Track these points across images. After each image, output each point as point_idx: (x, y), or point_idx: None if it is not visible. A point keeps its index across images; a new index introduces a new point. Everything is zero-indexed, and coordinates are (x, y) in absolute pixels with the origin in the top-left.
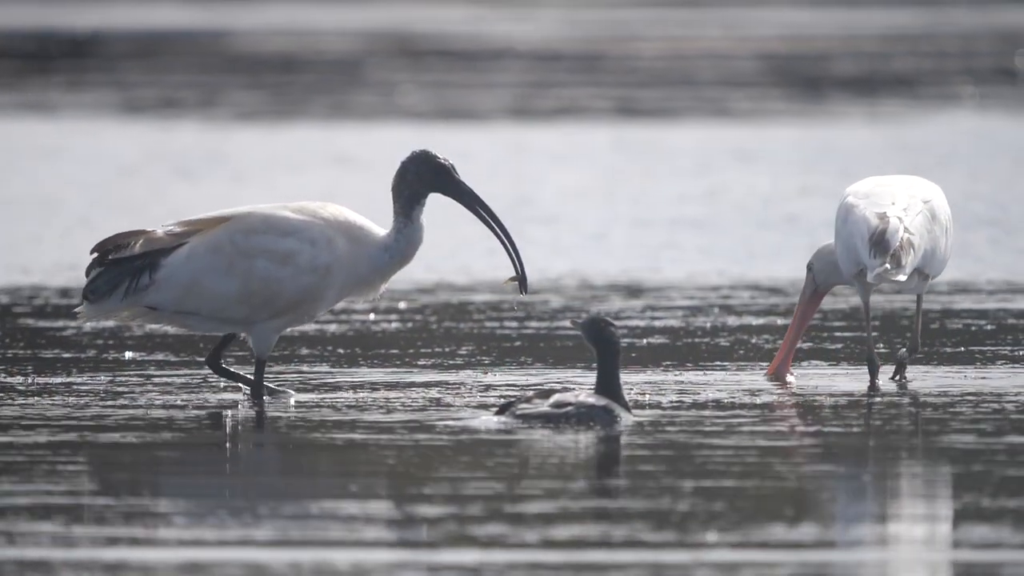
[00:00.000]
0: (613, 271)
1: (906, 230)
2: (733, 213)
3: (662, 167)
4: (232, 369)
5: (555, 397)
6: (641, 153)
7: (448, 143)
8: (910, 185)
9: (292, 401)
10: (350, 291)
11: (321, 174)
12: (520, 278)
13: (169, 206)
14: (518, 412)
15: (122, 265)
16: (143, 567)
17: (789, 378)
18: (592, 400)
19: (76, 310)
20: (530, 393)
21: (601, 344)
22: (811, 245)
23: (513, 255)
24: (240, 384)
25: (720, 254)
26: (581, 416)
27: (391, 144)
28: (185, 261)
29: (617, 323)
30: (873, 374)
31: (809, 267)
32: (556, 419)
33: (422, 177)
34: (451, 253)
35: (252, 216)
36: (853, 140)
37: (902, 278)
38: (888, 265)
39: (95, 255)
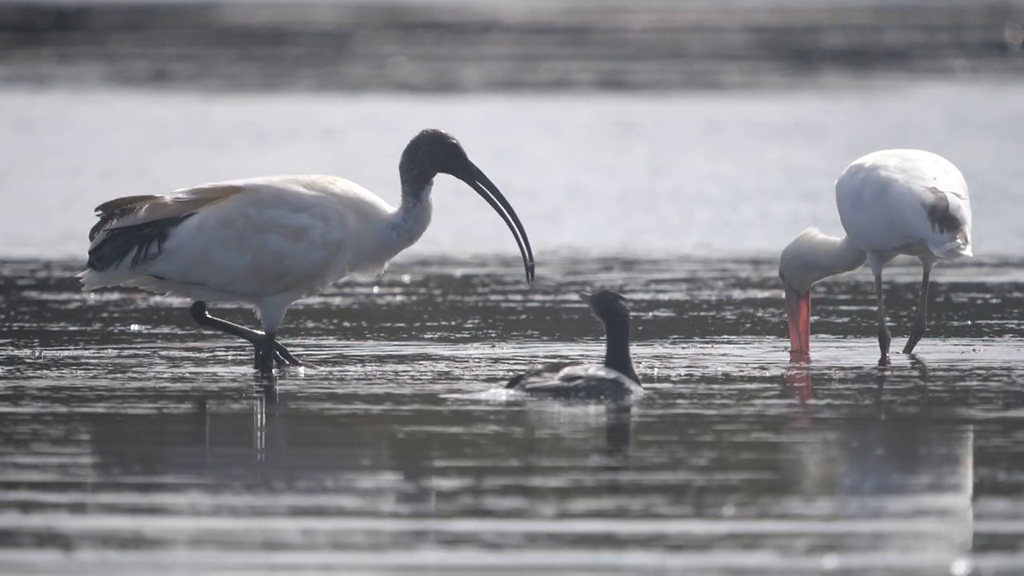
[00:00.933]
0: (610, 244)
1: (967, 207)
2: (730, 186)
3: (656, 140)
4: (219, 319)
5: (565, 370)
6: (633, 126)
7: (440, 116)
8: (935, 160)
9: (302, 371)
10: (357, 267)
11: (313, 146)
12: (527, 265)
13: (163, 176)
14: (528, 386)
15: (129, 233)
16: (159, 536)
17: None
18: (602, 373)
19: (79, 276)
20: (540, 366)
21: (611, 317)
22: (811, 217)
23: (521, 240)
24: (232, 333)
25: (718, 227)
26: (591, 389)
27: (384, 116)
28: (196, 232)
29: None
30: (884, 347)
31: (781, 275)
32: (567, 392)
33: (432, 156)
34: (454, 226)
35: (264, 190)
36: (847, 113)
37: (970, 254)
38: (959, 240)
39: (100, 214)
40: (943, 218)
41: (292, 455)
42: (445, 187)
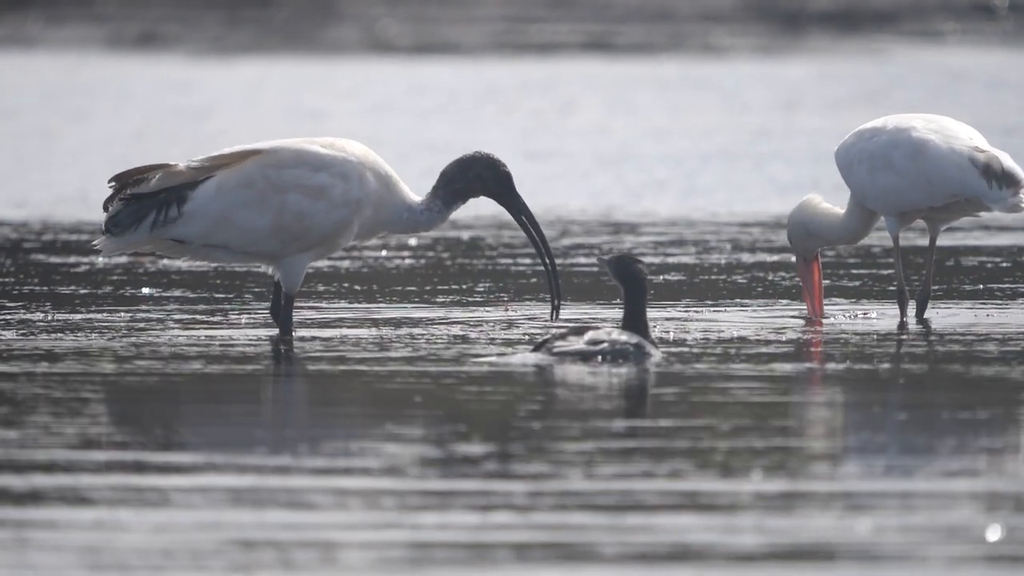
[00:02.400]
0: (611, 207)
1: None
2: (728, 149)
3: (653, 102)
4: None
5: (589, 334)
6: (629, 87)
7: (432, 77)
8: (956, 122)
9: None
10: (368, 231)
11: (309, 107)
12: (554, 305)
13: (162, 141)
14: (555, 350)
15: (145, 199)
16: (183, 491)
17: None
18: (625, 337)
19: (95, 243)
20: (563, 330)
21: (629, 281)
22: (810, 180)
23: (553, 279)
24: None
25: (722, 190)
26: (616, 353)
27: (376, 78)
28: (215, 194)
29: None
30: (903, 307)
31: (789, 239)
32: (591, 356)
33: (484, 180)
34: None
35: (283, 150)
36: (840, 75)
37: None
38: (1022, 195)
39: (113, 186)
40: (999, 174)
41: (314, 418)
42: (443, 147)
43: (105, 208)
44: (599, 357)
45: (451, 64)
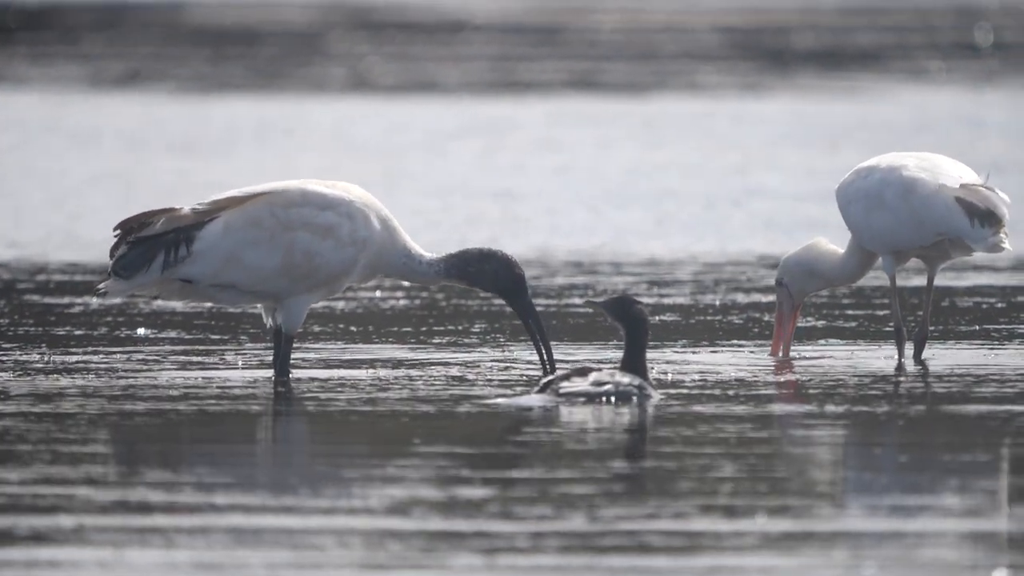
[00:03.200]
0: (602, 245)
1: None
2: (716, 188)
3: (639, 140)
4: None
5: (593, 376)
6: (616, 127)
7: (417, 116)
8: (951, 161)
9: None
10: (367, 274)
11: (298, 146)
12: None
13: (155, 180)
14: (561, 391)
15: (152, 241)
16: (186, 531)
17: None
18: (628, 379)
19: (100, 287)
20: (566, 371)
21: (631, 322)
22: (799, 220)
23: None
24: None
25: (711, 230)
26: (620, 395)
27: (364, 117)
28: (223, 234)
29: None
30: (901, 345)
31: (779, 282)
32: (596, 397)
33: (497, 277)
34: (449, 226)
35: (289, 191)
36: (828, 114)
37: (1010, 247)
38: (1002, 234)
39: (118, 233)
40: (981, 213)
41: (315, 459)
42: (431, 189)
43: (112, 254)
44: (603, 398)
45: (436, 102)
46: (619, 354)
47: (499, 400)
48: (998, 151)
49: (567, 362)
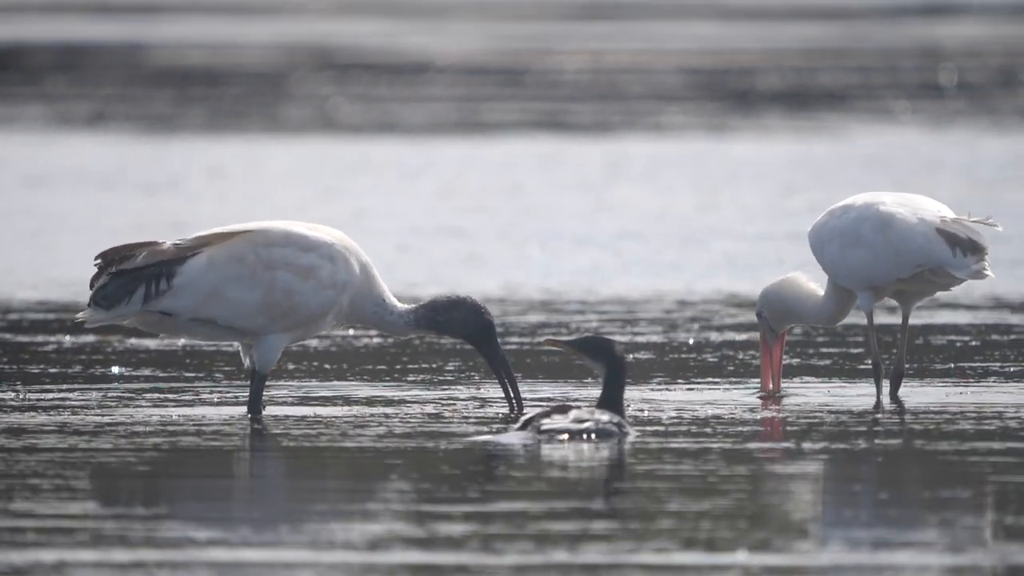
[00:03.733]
0: (571, 286)
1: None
2: (681, 227)
3: (603, 180)
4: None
5: (573, 413)
6: (580, 166)
7: (387, 156)
8: (926, 197)
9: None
10: (343, 319)
11: (263, 186)
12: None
13: (120, 221)
14: (543, 428)
15: (133, 273)
16: (167, 565)
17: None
18: (607, 416)
19: (79, 316)
20: (546, 409)
21: (610, 361)
22: (766, 259)
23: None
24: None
25: (677, 269)
26: (600, 432)
27: (328, 157)
28: (205, 269)
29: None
30: (879, 378)
31: (759, 315)
32: (578, 435)
33: (465, 324)
34: (424, 264)
35: (272, 231)
36: (793, 154)
37: (993, 275)
38: (985, 262)
39: (98, 264)
40: (963, 243)
41: (294, 495)
42: (396, 228)
43: (91, 285)
44: (584, 436)
45: (401, 142)
46: (591, 392)
47: (481, 437)
48: (962, 191)
49: (540, 401)
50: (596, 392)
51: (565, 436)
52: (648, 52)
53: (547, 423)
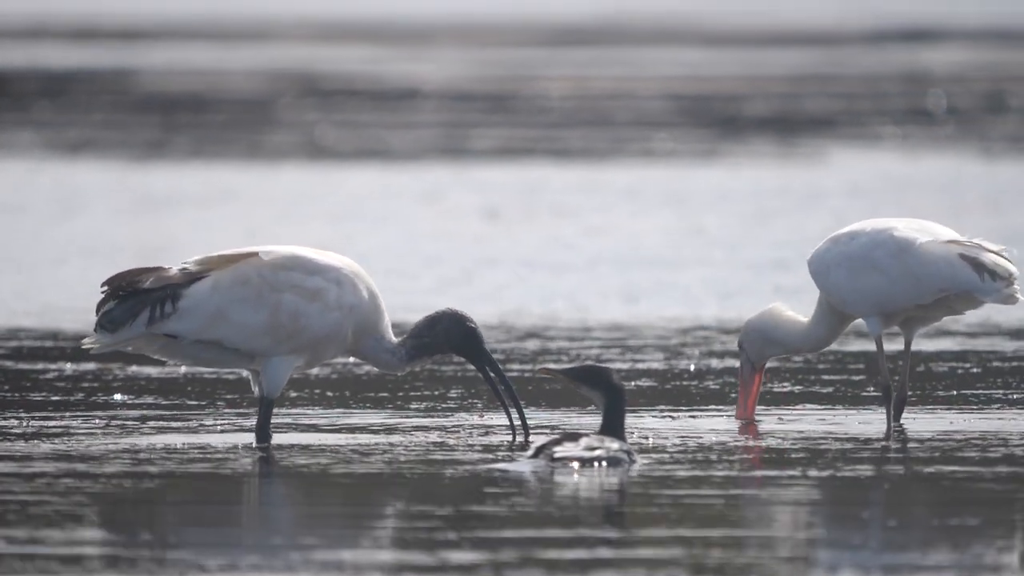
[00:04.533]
0: (565, 313)
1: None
2: (684, 252)
3: (594, 206)
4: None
5: (583, 441)
6: (580, 193)
7: (375, 183)
8: (936, 224)
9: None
10: (349, 347)
11: (252, 212)
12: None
13: (114, 247)
14: (556, 455)
15: (139, 296)
16: None
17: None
18: (616, 444)
19: (85, 341)
20: (556, 436)
21: (608, 390)
22: (761, 286)
23: (524, 429)
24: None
25: (670, 296)
26: (611, 460)
27: (317, 183)
28: (211, 291)
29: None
30: (888, 406)
31: (740, 346)
32: (589, 462)
33: (449, 336)
34: (419, 291)
35: (278, 253)
36: (784, 180)
37: (1022, 298)
38: (1016, 286)
39: (105, 290)
40: (989, 267)
41: (301, 524)
42: (387, 254)
43: (97, 311)
44: (596, 463)
45: (389, 169)
46: (591, 419)
47: (493, 465)
48: (954, 216)
49: (542, 428)
50: (595, 419)
51: (577, 464)
52: (632, 78)
53: (560, 451)
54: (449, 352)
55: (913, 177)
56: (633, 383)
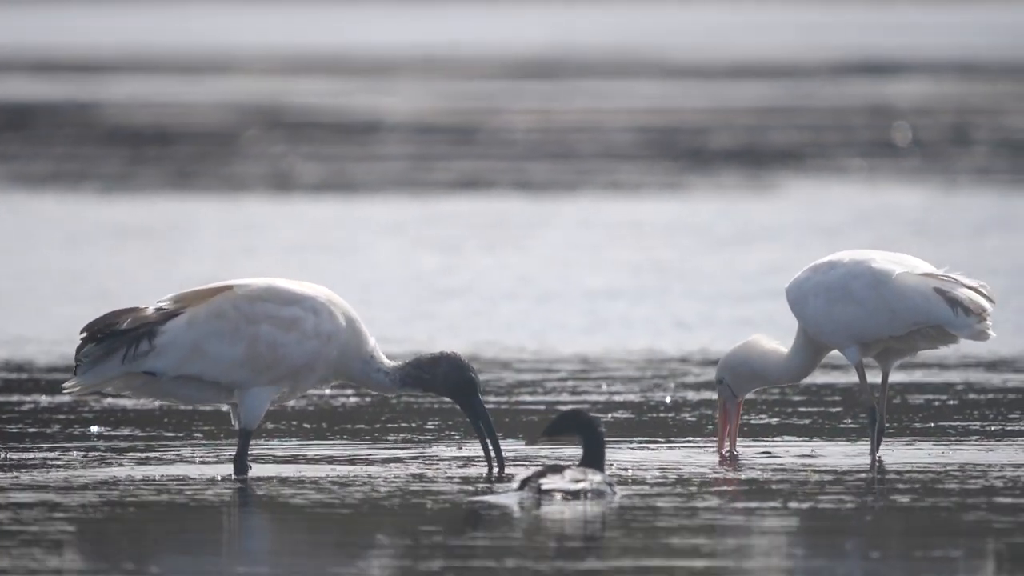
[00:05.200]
0: (538, 345)
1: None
2: (646, 284)
3: (559, 238)
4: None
5: (568, 473)
6: (543, 225)
7: (340, 215)
8: (912, 257)
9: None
10: (329, 374)
11: (222, 245)
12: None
13: (92, 282)
14: (543, 487)
15: (116, 336)
16: None
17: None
18: (600, 477)
19: (65, 385)
20: (539, 468)
21: (587, 432)
22: (733, 318)
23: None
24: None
25: (638, 329)
26: (595, 492)
27: (285, 216)
28: (187, 327)
29: (575, 398)
30: (873, 422)
31: (720, 381)
32: (576, 494)
33: (448, 380)
34: (390, 324)
35: (253, 285)
36: (750, 212)
37: (994, 334)
38: (988, 322)
39: (84, 336)
40: (962, 303)
41: (288, 554)
42: (356, 286)
43: (77, 353)
44: (581, 495)
45: (357, 201)
46: (570, 451)
47: (479, 498)
48: (925, 249)
49: (523, 461)
50: (575, 451)
51: (562, 496)
52: (596, 111)
53: (546, 483)
54: (443, 394)
55: (878, 209)
56: (611, 415)
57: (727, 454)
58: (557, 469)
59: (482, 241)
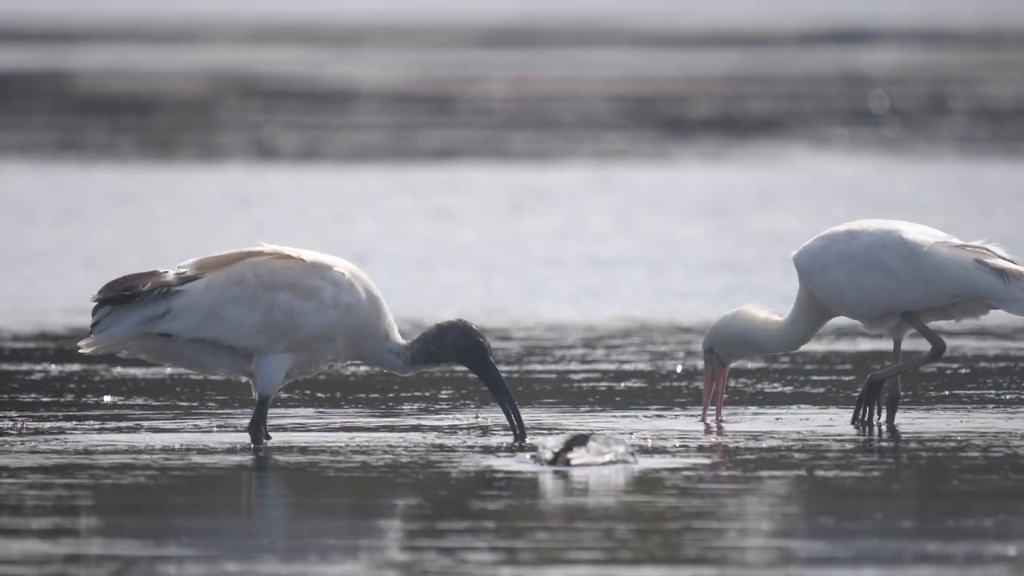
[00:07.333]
0: (537, 315)
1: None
2: (650, 255)
3: (546, 208)
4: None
5: (593, 445)
6: (535, 195)
7: (331, 184)
8: (929, 228)
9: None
10: (346, 351)
11: (207, 215)
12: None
13: (79, 251)
14: (573, 462)
15: (134, 297)
16: None
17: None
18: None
19: (80, 344)
20: (568, 439)
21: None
22: (720, 287)
23: (519, 430)
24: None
25: (662, 295)
26: (620, 462)
27: (266, 185)
28: (205, 291)
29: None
30: (938, 357)
31: (709, 350)
32: (603, 465)
33: (457, 348)
34: (414, 293)
35: (276, 253)
36: (734, 181)
37: None
38: None
39: (99, 298)
40: (1007, 273)
41: (307, 527)
42: (345, 257)
43: (94, 313)
44: (609, 465)
45: (338, 170)
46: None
47: (511, 467)
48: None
49: (539, 428)
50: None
51: (593, 467)
52: (572, 79)
53: (575, 458)
54: (455, 363)
55: (859, 178)
56: (623, 384)
57: (711, 422)
58: (581, 440)
59: (465, 211)
